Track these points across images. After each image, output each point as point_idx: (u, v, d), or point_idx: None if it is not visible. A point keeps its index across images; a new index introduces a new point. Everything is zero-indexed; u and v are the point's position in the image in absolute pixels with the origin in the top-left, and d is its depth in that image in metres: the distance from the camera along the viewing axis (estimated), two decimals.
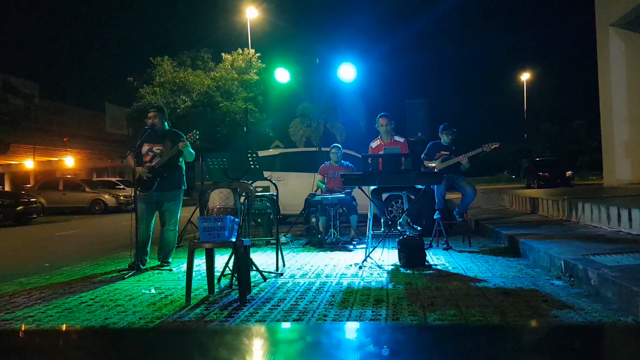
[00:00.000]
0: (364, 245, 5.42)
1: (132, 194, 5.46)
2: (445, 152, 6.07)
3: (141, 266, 4.96)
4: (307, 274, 4.52)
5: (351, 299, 3.49)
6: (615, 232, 5.33)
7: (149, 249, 5.16)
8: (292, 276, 4.45)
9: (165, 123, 5.23)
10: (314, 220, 6.73)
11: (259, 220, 7.12)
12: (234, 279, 4.05)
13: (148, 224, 5.11)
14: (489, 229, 6.84)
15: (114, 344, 0.81)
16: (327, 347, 0.73)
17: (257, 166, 4.36)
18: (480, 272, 4.28)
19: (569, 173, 22.82)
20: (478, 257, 5.12)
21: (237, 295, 3.66)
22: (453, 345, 0.74)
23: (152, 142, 5.11)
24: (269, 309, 3.34)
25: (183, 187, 5.24)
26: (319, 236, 6.49)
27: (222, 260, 4.61)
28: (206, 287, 3.96)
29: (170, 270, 4.94)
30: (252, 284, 4.00)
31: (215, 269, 4.07)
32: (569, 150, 40.61)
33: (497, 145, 5.79)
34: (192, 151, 5.15)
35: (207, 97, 23.21)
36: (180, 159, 5.21)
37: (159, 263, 5.15)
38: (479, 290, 3.64)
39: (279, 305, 3.41)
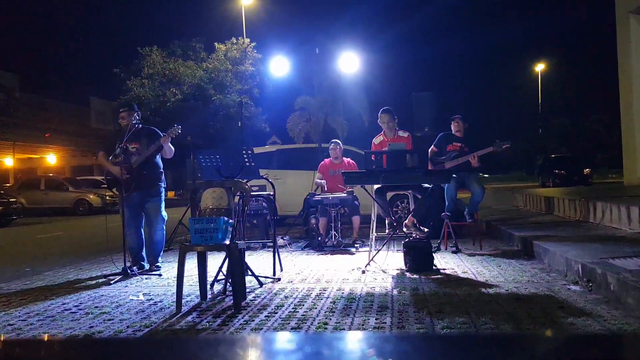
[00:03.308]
0: (367, 248, 5.42)
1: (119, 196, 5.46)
2: (457, 145, 6.06)
3: (136, 271, 4.96)
4: (306, 279, 4.52)
5: (353, 306, 3.50)
6: (636, 234, 5.33)
7: (144, 254, 5.19)
8: (290, 281, 4.45)
9: (138, 120, 5.26)
10: (313, 221, 6.73)
11: (255, 221, 7.12)
12: (228, 284, 4.05)
13: (137, 228, 5.14)
14: (501, 231, 6.85)
15: (99, 355, 0.81)
16: (327, 358, 0.73)
17: (253, 164, 4.37)
18: (491, 277, 4.29)
19: (586, 171, 22.77)
20: (489, 260, 5.12)
21: (232, 301, 3.66)
22: (463, 356, 0.74)
23: (127, 140, 5.13)
24: (266, 316, 3.35)
25: (163, 185, 5.28)
26: (319, 238, 6.49)
27: (215, 264, 4.61)
28: (198, 293, 3.96)
29: (160, 275, 4.95)
30: (247, 290, 4.00)
31: (208, 274, 4.08)
32: (587, 146, 40.58)
33: (508, 145, 5.87)
34: (172, 147, 5.17)
35: (199, 89, 23.19)
36: (157, 157, 5.23)
37: (148, 267, 5.16)
38: (491, 296, 3.64)
39: (276, 313, 3.41)
